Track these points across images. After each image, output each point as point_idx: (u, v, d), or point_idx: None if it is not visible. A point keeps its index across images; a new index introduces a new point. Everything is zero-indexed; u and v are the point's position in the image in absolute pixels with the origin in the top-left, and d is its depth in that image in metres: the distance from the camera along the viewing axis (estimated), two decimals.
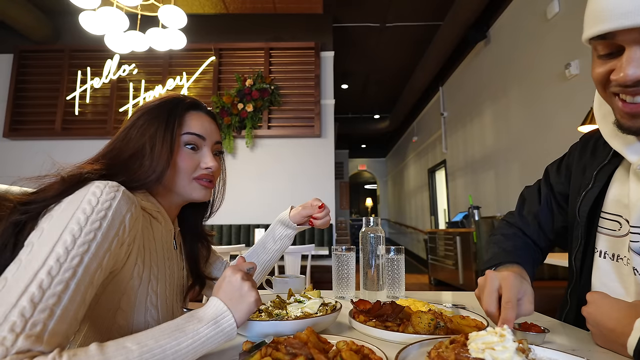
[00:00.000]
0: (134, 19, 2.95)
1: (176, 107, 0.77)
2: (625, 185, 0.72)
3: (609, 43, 0.58)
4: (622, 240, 0.71)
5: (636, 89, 0.57)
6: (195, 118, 0.79)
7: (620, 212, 0.72)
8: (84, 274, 0.50)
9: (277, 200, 4.49)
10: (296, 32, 4.80)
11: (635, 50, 0.55)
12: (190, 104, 0.80)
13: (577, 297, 0.80)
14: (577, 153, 0.88)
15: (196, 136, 0.77)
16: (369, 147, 13.15)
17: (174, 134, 0.73)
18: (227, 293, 0.58)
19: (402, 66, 6.87)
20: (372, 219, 1.06)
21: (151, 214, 0.73)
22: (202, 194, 0.79)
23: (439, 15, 5.06)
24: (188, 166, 0.75)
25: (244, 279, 0.59)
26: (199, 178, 0.77)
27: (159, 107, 0.76)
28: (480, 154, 5.42)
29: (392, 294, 1.08)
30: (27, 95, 4.55)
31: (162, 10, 2.74)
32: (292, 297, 0.84)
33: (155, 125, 0.73)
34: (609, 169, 0.76)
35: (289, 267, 3.15)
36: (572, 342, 0.67)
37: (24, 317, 0.43)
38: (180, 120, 0.76)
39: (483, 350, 0.44)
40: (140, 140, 0.72)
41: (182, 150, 0.75)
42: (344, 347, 0.53)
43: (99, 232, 0.53)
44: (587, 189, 0.78)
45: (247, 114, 4.41)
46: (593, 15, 0.59)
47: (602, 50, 0.60)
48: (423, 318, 0.67)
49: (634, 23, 0.53)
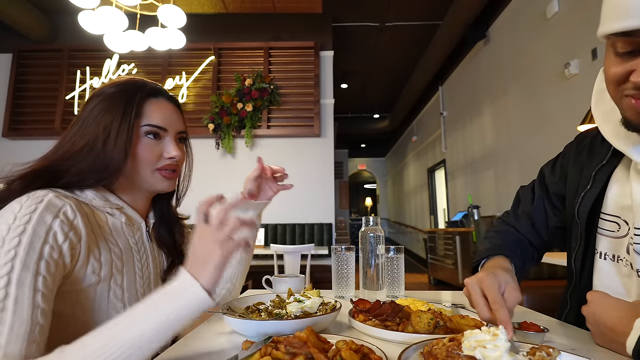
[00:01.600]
0: (133, 18, 2.95)
1: (134, 95, 0.73)
2: (625, 185, 0.71)
3: (631, 41, 0.55)
4: (621, 242, 0.71)
5: None
6: (156, 107, 0.75)
7: (619, 213, 0.72)
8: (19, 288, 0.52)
9: (277, 199, 4.45)
10: (296, 32, 4.80)
11: None
12: (150, 90, 0.76)
13: (577, 298, 0.79)
14: (573, 153, 0.87)
15: (157, 128, 0.74)
16: (369, 146, 13.15)
17: (131, 125, 0.71)
18: (191, 257, 0.56)
19: (402, 66, 6.86)
20: (372, 218, 1.06)
21: (106, 211, 0.72)
22: (165, 185, 0.77)
23: (439, 14, 5.06)
24: (150, 156, 0.73)
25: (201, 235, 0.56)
26: (162, 169, 0.75)
27: (115, 95, 0.72)
28: (479, 154, 5.42)
29: (391, 294, 1.08)
30: (26, 95, 4.54)
31: (162, 9, 2.74)
32: (291, 296, 0.84)
33: (111, 116, 0.70)
34: (608, 169, 0.75)
35: (289, 266, 3.15)
36: (572, 342, 0.67)
37: None
38: (138, 109, 0.73)
39: (474, 348, 0.44)
40: (94, 132, 0.70)
41: (143, 140, 0.73)
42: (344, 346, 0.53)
43: (19, 248, 0.54)
44: (586, 190, 0.78)
45: (246, 113, 4.41)
46: (616, 9, 0.55)
47: (623, 47, 0.57)
48: (422, 317, 0.67)
49: None
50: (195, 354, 0.61)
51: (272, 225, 4.39)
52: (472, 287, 0.66)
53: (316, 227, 4.39)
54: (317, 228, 4.39)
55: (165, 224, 0.86)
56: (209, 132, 4.40)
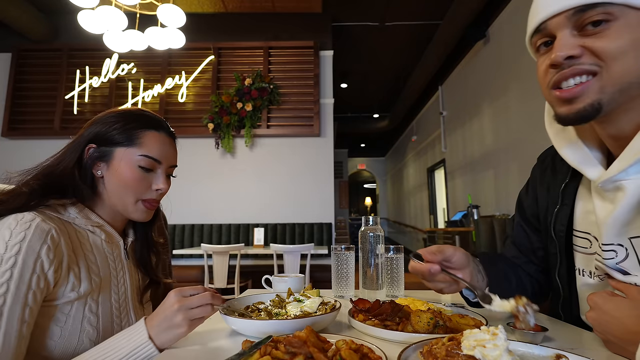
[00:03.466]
0: (132, 17, 2.94)
1: (128, 121, 0.76)
2: (589, 202, 0.71)
3: (543, 34, 0.62)
4: (592, 258, 0.70)
5: (571, 69, 0.58)
6: (156, 140, 0.77)
7: (588, 229, 0.71)
8: (9, 321, 0.57)
9: (277, 199, 4.49)
10: (295, 31, 4.79)
11: (563, 33, 0.58)
12: (152, 123, 0.78)
13: (570, 310, 0.78)
14: (538, 173, 0.88)
15: (152, 160, 0.75)
16: (368, 146, 13.15)
17: (106, 145, 0.74)
18: (158, 320, 0.62)
19: (402, 65, 6.86)
20: (372, 218, 1.06)
21: (87, 228, 0.74)
22: (143, 216, 0.79)
23: (438, 14, 5.05)
24: (137, 186, 0.75)
25: (178, 310, 0.62)
26: (146, 200, 0.77)
27: (114, 119, 0.76)
28: (479, 153, 5.42)
29: (391, 293, 1.08)
30: (25, 94, 4.54)
31: (161, 9, 2.74)
32: (291, 296, 0.84)
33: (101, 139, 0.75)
34: (572, 186, 0.76)
35: (288, 266, 3.16)
36: (572, 341, 0.67)
37: None
38: (135, 138, 0.75)
39: (474, 348, 0.44)
40: (77, 152, 0.75)
41: (133, 169, 0.74)
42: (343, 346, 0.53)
43: (11, 282, 0.58)
44: (557, 208, 0.78)
45: (246, 113, 4.41)
46: (531, 14, 0.64)
47: (540, 41, 0.63)
48: (422, 317, 0.67)
49: (560, 7, 0.57)
50: (195, 353, 0.61)
51: (271, 225, 4.39)
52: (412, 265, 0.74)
53: (316, 227, 4.39)
54: (316, 228, 4.39)
55: (146, 246, 0.89)
56: (209, 131, 4.39)
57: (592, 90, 0.57)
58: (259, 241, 3.89)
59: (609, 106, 0.58)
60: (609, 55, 0.55)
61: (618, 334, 0.54)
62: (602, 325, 0.57)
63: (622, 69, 0.55)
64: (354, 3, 4.97)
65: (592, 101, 0.57)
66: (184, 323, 0.62)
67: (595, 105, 0.57)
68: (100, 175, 0.76)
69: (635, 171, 0.59)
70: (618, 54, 0.55)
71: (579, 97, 0.58)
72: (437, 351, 0.47)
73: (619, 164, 0.59)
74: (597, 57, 0.56)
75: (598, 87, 0.57)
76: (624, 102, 0.58)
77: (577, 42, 0.57)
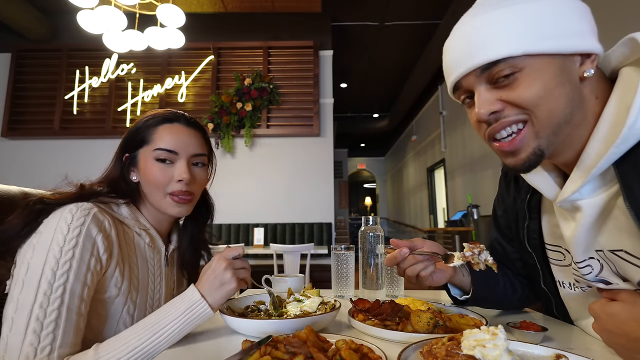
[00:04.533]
0: (132, 17, 2.94)
1: (146, 122, 0.79)
2: (553, 216, 0.71)
3: (463, 91, 0.64)
4: (569, 269, 0.70)
5: (499, 123, 0.59)
6: (169, 131, 0.77)
7: (558, 242, 0.72)
8: (71, 297, 0.61)
9: (276, 199, 4.49)
10: (295, 31, 4.79)
11: (480, 89, 0.60)
12: (166, 116, 0.79)
13: (565, 313, 0.78)
14: (504, 185, 0.89)
15: (166, 151, 0.76)
16: (368, 146, 13.15)
17: (133, 151, 0.78)
18: (207, 281, 0.67)
19: (401, 65, 6.86)
20: (371, 217, 1.06)
21: (134, 230, 0.77)
22: (176, 211, 0.78)
23: (438, 14, 5.05)
24: (159, 180, 0.75)
25: (227, 268, 0.67)
26: (173, 194, 0.76)
27: (141, 122, 0.80)
28: (479, 153, 5.42)
29: (391, 293, 1.08)
30: (25, 94, 4.53)
31: (161, 9, 2.74)
32: (291, 296, 0.84)
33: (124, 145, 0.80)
34: (536, 199, 0.76)
35: (288, 266, 3.16)
36: (571, 341, 0.67)
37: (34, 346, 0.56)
38: (149, 136, 0.77)
39: (474, 348, 0.44)
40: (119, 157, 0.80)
41: (153, 164, 0.76)
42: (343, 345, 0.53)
43: (73, 260, 0.62)
44: (527, 222, 0.78)
45: (246, 113, 4.41)
46: (444, 73, 0.67)
47: (463, 96, 0.65)
48: (422, 317, 0.67)
49: (467, 68, 0.59)
50: (195, 353, 0.61)
51: (271, 224, 4.39)
52: None
53: (316, 227, 4.39)
54: (316, 227, 4.39)
55: (193, 250, 0.89)
56: (209, 131, 4.39)
57: (528, 138, 0.59)
58: (259, 241, 3.88)
59: (550, 148, 0.59)
60: (529, 104, 0.56)
61: (623, 343, 0.52)
62: (606, 336, 0.54)
63: (548, 112, 0.57)
64: (353, 3, 4.96)
65: (532, 149, 0.59)
66: (233, 280, 0.66)
67: (537, 152, 0.59)
68: (136, 180, 0.80)
69: (588, 191, 0.60)
70: (537, 100, 0.56)
71: (520, 149, 0.60)
72: (437, 351, 0.47)
73: (572, 186, 0.61)
74: (518, 107, 0.58)
75: (533, 134, 0.58)
76: (561, 141, 0.60)
77: (494, 97, 0.59)
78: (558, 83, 0.56)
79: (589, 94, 0.60)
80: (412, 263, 0.75)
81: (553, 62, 0.56)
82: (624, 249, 0.58)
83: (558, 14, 0.55)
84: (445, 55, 0.66)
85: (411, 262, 0.75)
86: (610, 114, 0.57)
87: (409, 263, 0.75)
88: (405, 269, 0.76)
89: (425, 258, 0.75)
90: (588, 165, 0.58)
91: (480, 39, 0.58)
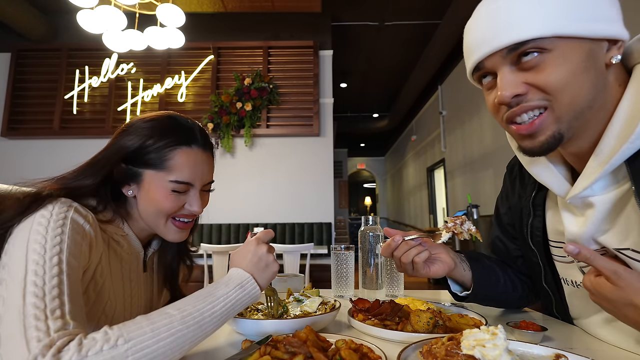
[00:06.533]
0: (132, 17, 2.94)
1: (157, 140, 0.70)
2: (557, 213, 0.71)
3: (484, 72, 0.62)
4: (573, 266, 0.70)
5: (520, 107, 0.58)
6: (186, 160, 0.71)
7: (562, 239, 0.72)
8: (70, 268, 0.54)
9: (276, 199, 4.49)
10: (295, 31, 4.79)
11: (503, 71, 0.58)
12: (180, 139, 0.71)
13: (564, 313, 0.78)
14: (509, 182, 0.88)
15: (184, 184, 0.71)
16: (368, 145, 13.14)
17: (136, 166, 0.70)
18: (252, 263, 0.65)
19: (401, 65, 6.85)
20: (371, 217, 1.06)
21: (112, 237, 0.71)
22: (177, 237, 0.75)
23: (438, 13, 5.05)
24: (169, 210, 0.71)
25: (269, 251, 0.67)
26: (176, 218, 0.73)
27: (146, 131, 0.71)
28: (479, 153, 5.42)
29: (391, 293, 1.08)
30: (25, 94, 4.53)
31: (161, 8, 2.73)
32: (291, 295, 0.84)
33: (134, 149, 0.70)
34: (541, 196, 0.76)
35: (288, 266, 3.16)
36: (571, 341, 0.67)
37: (40, 308, 0.46)
38: (164, 161, 0.70)
39: (473, 347, 0.44)
40: (111, 159, 0.70)
41: (167, 195, 0.70)
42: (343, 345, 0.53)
43: (64, 236, 0.56)
44: (531, 219, 0.78)
45: (245, 113, 4.40)
46: (465, 53, 0.65)
47: (482, 79, 0.64)
48: (422, 317, 0.67)
49: (492, 48, 0.58)
50: (195, 353, 0.61)
51: (271, 224, 4.39)
52: None
53: (315, 227, 4.39)
54: (316, 227, 4.39)
55: (177, 256, 0.86)
56: (208, 131, 4.38)
57: (548, 122, 0.58)
58: None
59: (569, 132, 0.59)
60: (554, 88, 0.55)
61: (627, 320, 0.53)
62: (608, 308, 0.55)
63: (571, 98, 0.56)
64: (353, 3, 4.96)
65: (552, 133, 0.58)
66: (276, 263, 0.67)
67: (557, 135, 0.58)
68: (131, 195, 0.73)
69: (601, 188, 0.60)
70: (562, 85, 0.55)
71: (539, 131, 0.59)
72: (437, 351, 0.47)
73: (583, 182, 0.60)
74: (543, 91, 0.57)
75: (554, 119, 0.58)
76: (580, 125, 0.59)
77: (519, 79, 0.57)
78: (584, 68, 0.55)
79: (613, 81, 0.59)
80: (405, 249, 0.76)
81: (582, 46, 0.55)
82: (631, 247, 0.58)
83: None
84: (467, 36, 0.64)
85: (404, 248, 0.76)
86: (625, 110, 0.56)
87: (403, 250, 0.76)
88: (400, 257, 0.76)
89: (418, 243, 0.76)
90: (601, 161, 0.57)
91: (507, 18, 0.56)
